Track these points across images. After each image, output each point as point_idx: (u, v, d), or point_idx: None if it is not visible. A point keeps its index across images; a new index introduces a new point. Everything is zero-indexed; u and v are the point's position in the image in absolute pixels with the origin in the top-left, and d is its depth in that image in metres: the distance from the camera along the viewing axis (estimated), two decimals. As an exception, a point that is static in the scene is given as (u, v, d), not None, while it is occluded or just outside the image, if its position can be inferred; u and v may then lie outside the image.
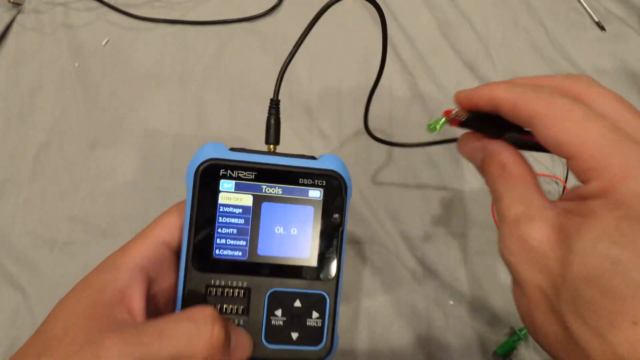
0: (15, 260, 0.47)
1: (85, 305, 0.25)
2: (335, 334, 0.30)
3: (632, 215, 0.21)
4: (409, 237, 0.47)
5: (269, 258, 0.29)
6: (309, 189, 0.29)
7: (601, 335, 0.22)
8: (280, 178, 0.29)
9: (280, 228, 0.29)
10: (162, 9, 0.54)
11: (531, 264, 0.24)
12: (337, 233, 0.30)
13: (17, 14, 0.54)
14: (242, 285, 0.29)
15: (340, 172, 0.30)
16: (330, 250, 0.30)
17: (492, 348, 0.44)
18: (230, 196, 0.29)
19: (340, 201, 0.30)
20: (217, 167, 0.29)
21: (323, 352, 0.30)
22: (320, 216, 0.30)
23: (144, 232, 0.29)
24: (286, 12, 0.54)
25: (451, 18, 0.53)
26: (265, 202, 0.29)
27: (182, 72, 0.52)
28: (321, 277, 0.29)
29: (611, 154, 0.22)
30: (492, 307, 0.45)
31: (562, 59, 0.51)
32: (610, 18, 0.53)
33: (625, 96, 0.53)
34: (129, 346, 0.22)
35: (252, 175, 0.29)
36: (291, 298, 0.29)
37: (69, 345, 0.23)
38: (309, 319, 0.29)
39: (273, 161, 0.29)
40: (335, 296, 0.30)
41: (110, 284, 0.26)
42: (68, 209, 0.48)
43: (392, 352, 0.44)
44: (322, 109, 0.51)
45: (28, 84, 0.52)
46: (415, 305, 0.45)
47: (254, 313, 0.29)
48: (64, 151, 0.50)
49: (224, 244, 0.29)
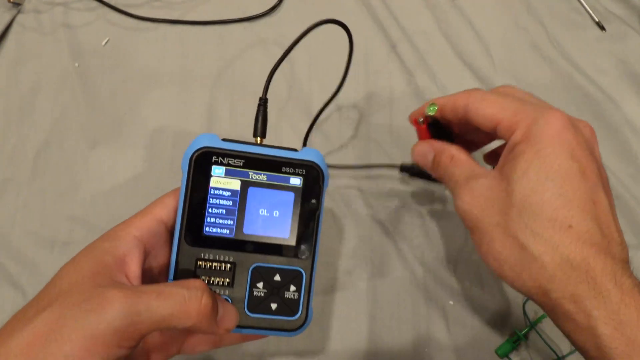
0: (15, 260, 0.47)
1: (88, 267, 0.28)
2: (309, 306, 0.33)
3: (545, 145, 0.30)
4: (409, 236, 0.47)
5: (253, 236, 0.33)
6: (291, 176, 0.33)
7: (547, 240, 0.28)
8: (265, 166, 0.33)
9: (264, 210, 0.33)
10: (162, 9, 0.54)
11: (483, 207, 0.32)
12: (314, 217, 0.33)
13: (17, 14, 0.54)
14: (228, 260, 0.32)
15: (319, 163, 0.34)
16: (308, 231, 0.33)
17: (492, 348, 0.44)
18: (220, 180, 0.33)
19: (318, 189, 0.33)
20: (210, 155, 0.33)
21: (298, 322, 0.33)
22: (300, 201, 0.33)
23: (144, 210, 0.32)
24: (286, 12, 0.54)
25: (451, 18, 0.53)
26: (252, 187, 0.33)
27: (182, 72, 0.52)
28: (299, 255, 0.33)
29: (521, 110, 0.31)
30: (492, 307, 0.45)
31: (562, 58, 0.51)
32: (610, 18, 0.53)
33: (625, 96, 0.54)
34: (129, 299, 0.25)
35: (241, 162, 0.33)
36: (272, 272, 0.33)
37: (76, 296, 0.26)
38: (287, 292, 0.33)
39: (259, 151, 0.33)
40: (310, 272, 0.33)
41: (111, 250, 0.29)
42: (68, 209, 0.48)
43: (392, 352, 0.44)
44: (322, 109, 0.51)
45: (28, 84, 0.52)
46: (415, 305, 0.45)
47: (238, 285, 0.32)
48: (64, 151, 0.50)
49: (214, 222, 0.32)
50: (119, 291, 0.25)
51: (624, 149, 0.49)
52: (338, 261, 0.47)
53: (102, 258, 0.28)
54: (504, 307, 0.45)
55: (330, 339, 0.45)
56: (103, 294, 0.25)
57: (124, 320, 0.24)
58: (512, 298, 0.45)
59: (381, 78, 0.52)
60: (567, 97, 0.51)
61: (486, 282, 0.46)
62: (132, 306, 0.25)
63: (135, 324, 0.25)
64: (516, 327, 0.44)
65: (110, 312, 0.24)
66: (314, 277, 0.34)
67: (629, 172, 0.48)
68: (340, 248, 0.47)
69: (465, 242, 0.47)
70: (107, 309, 0.24)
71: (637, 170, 0.48)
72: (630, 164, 0.48)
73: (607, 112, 0.50)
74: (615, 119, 0.49)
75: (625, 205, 0.47)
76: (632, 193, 0.47)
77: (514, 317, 0.45)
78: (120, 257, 0.29)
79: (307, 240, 0.33)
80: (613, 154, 0.49)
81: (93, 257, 0.29)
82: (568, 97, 0.51)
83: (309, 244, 0.33)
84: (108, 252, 0.29)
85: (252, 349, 0.43)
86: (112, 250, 0.29)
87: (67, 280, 0.27)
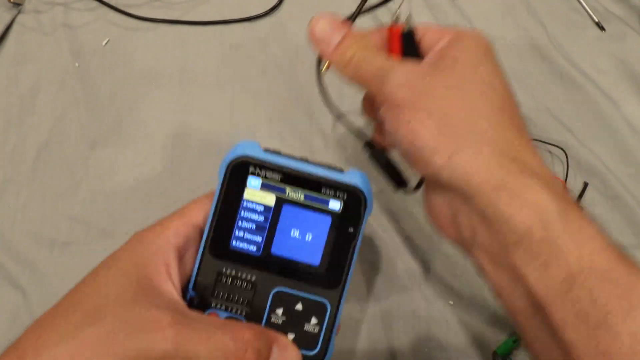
0: (15, 260, 0.47)
1: (134, 276, 0.26)
2: (331, 343, 0.31)
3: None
4: (409, 236, 0.47)
5: (280, 258, 0.31)
6: (330, 199, 0.31)
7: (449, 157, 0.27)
8: (304, 184, 0.30)
9: (296, 231, 0.31)
10: (162, 9, 0.54)
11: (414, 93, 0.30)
12: (350, 246, 0.31)
13: (18, 14, 0.54)
14: (250, 279, 0.30)
15: (363, 189, 0.31)
16: (340, 261, 0.31)
17: (492, 348, 0.44)
18: (255, 193, 0.30)
19: (358, 217, 0.31)
20: (247, 164, 0.30)
21: (315, 358, 0.30)
22: (336, 227, 0.31)
23: (180, 212, 0.30)
24: (286, 12, 0.54)
25: (452, 18, 0.53)
26: (287, 205, 0.31)
27: (182, 72, 0.52)
28: (326, 285, 0.31)
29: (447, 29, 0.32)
30: (492, 307, 0.45)
31: (562, 58, 0.51)
32: (610, 18, 0.53)
33: (624, 96, 0.54)
34: (182, 337, 0.24)
35: (279, 177, 0.30)
36: (294, 300, 0.30)
37: (129, 312, 0.25)
38: (307, 323, 0.30)
39: (300, 167, 0.31)
40: (337, 306, 0.31)
41: (155, 259, 0.28)
42: (68, 209, 0.48)
43: (392, 352, 0.44)
44: (322, 108, 0.51)
45: (28, 84, 0.52)
46: (415, 305, 0.45)
47: (257, 307, 0.30)
48: (64, 151, 0.50)
49: (242, 237, 0.31)
50: (172, 321, 0.25)
51: (624, 149, 0.49)
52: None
53: (148, 267, 0.27)
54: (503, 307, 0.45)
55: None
56: (157, 318, 0.25)
57: (171, 352, 0.24)
58: (512, 298, 0.45)
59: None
60: (567, 97, 0.51)
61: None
62: (183, 345, 0.24)
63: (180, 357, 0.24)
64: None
65: (162, 343, 0.24)
66: (340, 313, 0.31)
67: (629, 172, 0.48)
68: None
69: (465, 242, 0.47)
70: (159, 337, 0.24)
71: (636, 170, 0.48)
72: (630, 164, 0.48)
73: (606, 112, 0.50)
74: (615, 119, 0.49)
75: (625, 205, 0.47)
76: (631, 193, 0.47)
77: (514, 317, 0.45)
78: (164, 267, 0.28)
79: (337, 271, 0.31)
80: (612, 154, 0.49)
81: (138, 264, 0.27)
82: (568, 96, 0.51)
83: (339, 275, 0.31)
84: (151, 260, 0.28)
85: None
86: (155, 259, 0.28)
87: (114, 287, 0.26)
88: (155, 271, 0.27)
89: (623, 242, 0.47)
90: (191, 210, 0.30)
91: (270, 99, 0.51)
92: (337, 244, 0.31)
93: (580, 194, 0.48)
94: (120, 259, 0.28)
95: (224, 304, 0.30)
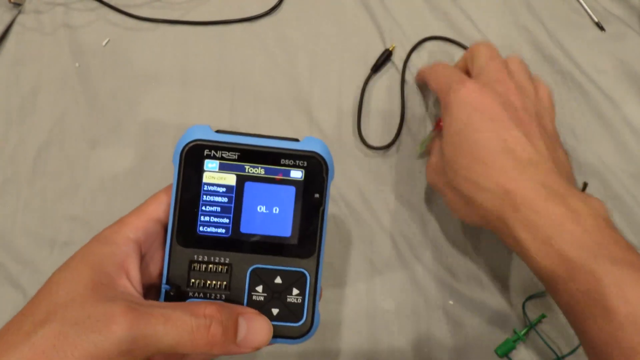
0: (16, 260, 0.47)
1: (88, 276, 0.26)
2: (316, 311, 0.31)
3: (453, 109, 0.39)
4: (409, 237, 0.47)
5: (251, 236, 0.30)
6: (291, 169, 0.31)
7: (474, 185, 0.37)
8: (262, 158, 0.30)
9: (262, 207, 0.31)
10: (162, 9, 0.54)
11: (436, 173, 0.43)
12: (318, 212, 0.31)
13: (18, 14, 0.54)
14: (224, 262, 0.30)
15: (322, 153, 0.31)
16: (311, 229, 0.31)
17: (492, 348, 0.44)
18: (214, 175, 0.30)
19: (321, 181, 0.31)
20: (201, 147, 0.30)
21: (303, 328, 0.31)
22: (302, 196, 0.31)
23: (139, 208, 0.30)
24: (286, 12, 0.54)
25: (452, 17, 0.53)
26: (248, 182, 0.30)
27: (182, 73, 0.52)
28: (301, 255, 0.31)
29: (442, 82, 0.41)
30: (491, 307, 0.45)
31: (563, 58, 0.52)
32: (609, 18, 0.53)
33: (624, 95, 0.53)
34: (137, 322, 0.24)
35: (236, 155, 0.30)
36: (272, 275, 0.30)
37: (78, 311, 0.24)
38: (289, 296, 0.30)
39: (256, 142, 0.30)
40: (315, 274, 0.31)
41: (110, 257, 0.27)
42: (68, 209, 0.48)
43: (392, 352, 0.44)
44: (322, 109, 0.51)
45: (28, 84, 0.52)
46: (415, 305, 0.45)
47: (236, 289, 0.30)
48: (64, 151, 0.50)
49: (208, 222, 0.30)
50: (125, 310, 0.24)
51: (624, 149, 0.49)
52: (337, 261, 0.47)
53: (102, 265, 0.27)
54: (503, 307, 0.45)
55: (330, 339, 0.45)
56: (108, 311, 0.24)
57: (129, 343, 0.23)
58: (511, 298, 0.45)
59: (381, 79, 0.52)
60: (567, 97, 0.51)
61: (486, 281, 0.46)
62: (138, 329, 0.24)
63: (141, 348, 0.24)
64: (516, 327, 0.44)
65: (116, 333, 0.23)
66: (320, 279, 0.31)
67: (630, 172, 0.48)
68: (339, 247, 0.47)
69: (465, 241, 0.47)
70: (112, 329, 0.23)
71: (637, 170, 0.48)
72: (630, 164, 0.48)
73: (606, 112, 0.50)
74: (615, 119, 0.50)
75: (625, 205, 0.47)
76: (632, 193, 0.47)
77: (514, 317, 0.45)
78: (120, 263, 0.27)
79: (310, 239, 0.31)
80: (612, 154, 0.49)
81: (91, 263, 0.27)
82: (568, 96, 0.51)
83: (313, 242, 0.31)
84: (107, 258, 0.27)
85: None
86: (111, 257, 0.27)
87: (65, 289, 0.25)
88: (111, 268, 0.27)
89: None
90: (149, 206, 0.30)
91: (269, 99, 0.51)
92: (305, 212, 0.31)
93: (580, 194, 0.48)
94: (74, 260, 0.27)
95: (201, 291, 0.30)
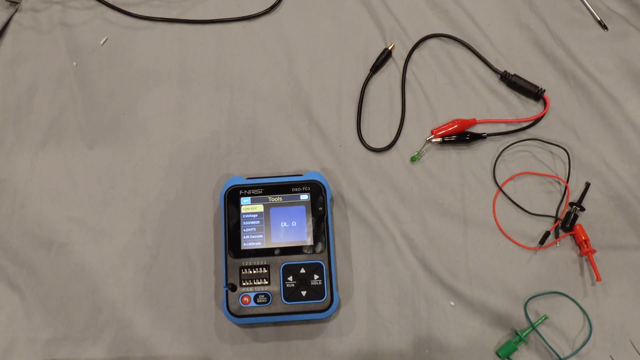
0: (13, 261, 0.46)
1: None
2: (334, 291, 0.43)
3: None
4: (410, 237, 0.47)
5: (279, 244, 0.44)
6: (300, 194, 0.46)
7: None
8: (279, 190, 0.46)
9: (284, 223, 0.45)
10: (160, 7, 0.54)
11: None
12: (323, 220, 0.45)
13: (15, 13, 0.54)
14: (263, 264, 0.44)
15: (320, 180, 0.46)
16: (320, 232, 0.45)
17: (493, 349, 0.44)
18: (248, 207, 0.45)
19: (322, 199, 0.45)
20: (238, 189, 0.46)
21: (326, 303, 0.43)
22: (310, 211, 0.45)
23: None
24: (285, 10, 0.54)
25: (454, 16, 0.53)
26: (272, 207, 0.45)
27: (180, 71, 0.52)
28: (316, 251, 0.44)
29: None
30: (492, 309, 0.45)
31: (565, 56, 0.51)
32: (612, 17, 0.52)
33: (627, 94, 0.53)
34: None
35: (261, 191, 0.46)
36: (298, 268, 0.44)
37: None
38: (312, 281, 0.43)
39: (273, 181, 0.46)
40: (329, 263, 0.44)
41: None
42: (65, 210, 0.48)
43: (392, 352, 0.44)
44: (322, 108, 0.51)
45: (25, 83, 0.51)
46: (416, 305, 0.45)
47: (274, 281, 0.43)
48: (61, 151, 0.49)
49: (248, 238, 0.45)
50: None
51: (626, 148, 0.48)
52: (337, 261, 0.46)
53: None
54: (504, 309, 0.45)
55: (330, 339, 0.45)
56: None
57: None
58: (513, 299, 0.45)
59: (381, 78, 0.52)
60: (570, 96, 0.50)
61: (487, 283, 0.46)
62: None
63: None
64: (517, 328, 0.44)
65: None
66: (334, 267, 0.44)
67: (632, 171, 0.48)
68: (340, 248, 0.47)
69: (465, 242, 0.47)
70: None
71: (639, 170, 0.48)
72: (633, 163, 0.48)
73: (608, 111, 0.49)
74: (617, 118, 0.49)
75: (627, 205, 0.47)
76: (634, 193, 0.47)
77: (515, 319, 0.45)
78: None
79: (321, 239, 0.44)
80: (615, 153, 0.48)
81: None
82: (571, 95, 0.50)
83: (323, 241, 0.44)
84: None
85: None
86: None
87: None
88: None
89: (625, 242, 0.47)
90: None
91: (269, 99, 0.51)
92: (315, 222, 0.45)
93: (583, 194, 0.47)
94: None
95: (250, 287, 0.43)
